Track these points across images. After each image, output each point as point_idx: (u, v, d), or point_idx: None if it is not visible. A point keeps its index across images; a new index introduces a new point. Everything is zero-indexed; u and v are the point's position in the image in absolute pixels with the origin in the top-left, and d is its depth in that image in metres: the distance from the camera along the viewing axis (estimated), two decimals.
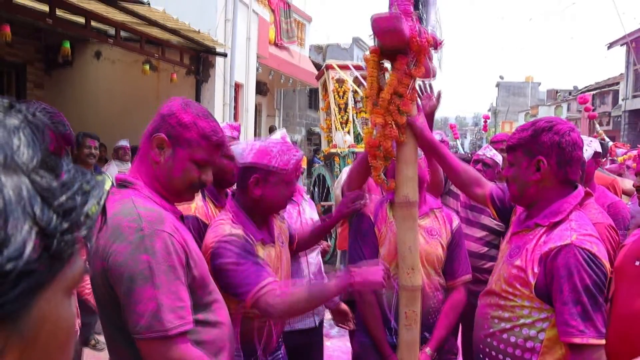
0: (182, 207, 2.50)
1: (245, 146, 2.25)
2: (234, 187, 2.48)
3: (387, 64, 2.26)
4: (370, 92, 2.18)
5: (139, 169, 1.68)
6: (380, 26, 1.97)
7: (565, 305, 1.71)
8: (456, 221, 2.72)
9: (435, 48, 2.21)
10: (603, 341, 1.70)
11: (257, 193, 2.15)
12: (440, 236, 2.60)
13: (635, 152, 3.37)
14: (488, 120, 8.87)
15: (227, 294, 1.93)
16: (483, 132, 9.30)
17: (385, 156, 2.17)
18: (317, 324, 2.90)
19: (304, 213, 3.06)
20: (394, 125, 2.11)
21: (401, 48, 2.08)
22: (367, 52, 2.25)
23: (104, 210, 0.54)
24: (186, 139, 1.63)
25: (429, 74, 2.22)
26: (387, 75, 2.24)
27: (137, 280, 1.41)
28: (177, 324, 1.42)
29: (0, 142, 0.45)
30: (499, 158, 3.80)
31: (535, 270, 1.79)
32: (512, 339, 1.87)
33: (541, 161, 1.88)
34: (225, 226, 2.09)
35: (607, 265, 1.76)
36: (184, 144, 1.63)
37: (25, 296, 0.44)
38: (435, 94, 2.64)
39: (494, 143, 4.36)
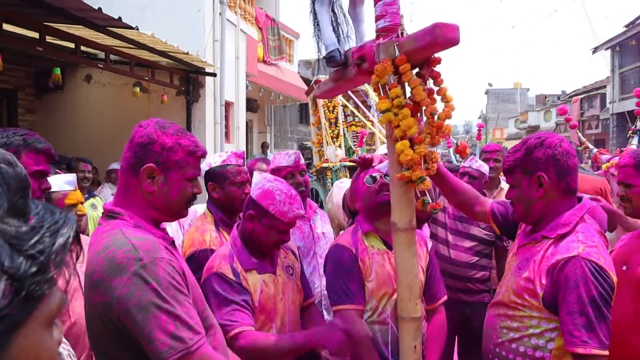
0: (198, 241, 2.63)
1: (259, 179, 2.33)
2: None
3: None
4: (425, 101, 2.01)
5: (124, 200, 1.67)
6: (445, 35, 1.90)
7: (570, 315, 1.72)
8: (430, 242, 2.67)
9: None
10: (606, 352, 1.71)
11: (249, 227, 2.28)
12: (420, 260, 2.46)
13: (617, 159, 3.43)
14: (482, 129, 8.89)
15: None
16: (477, 140, 9.28)
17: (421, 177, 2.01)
18: None
19: (315, 228, 3.11)
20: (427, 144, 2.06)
21: (422, 62, 2.06)
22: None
23: (78, 241, 0.56)
24: (175, 162, 1.64)
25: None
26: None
27: (150, 309, 1.44)
28: (195, 339, 1.49)
29: None
30: (485, 169, 3.84)
31: (543, 281, 1.81)
32: (521, 349, 1.87)
33: (541, 176, 1.91)
34: (215, 261, 2.24)
35: (613, 276, 1.77)
36: (174, 167, 1.64)
37: (0, 338, 0.47)
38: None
39: (488, 153, 4.41)
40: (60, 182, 2.78)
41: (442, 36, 1.88)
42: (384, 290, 2.35)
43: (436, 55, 2.04)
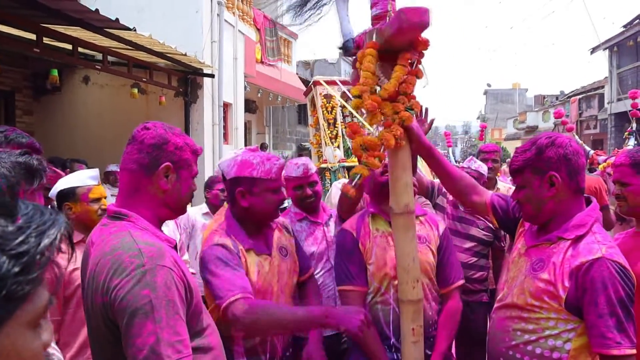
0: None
1: (229, 161, 2.31)
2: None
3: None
4: (364, 87, 2.02)
5: (131, 201, 1.69)
6: (410, 19, 1.86)
7: (601, 317, 1.71)
8: (442, 225, 2.66)
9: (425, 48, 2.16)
10: (635, 350, 1.72)
11: (244, 204, 2.24)
12: (429, 242, 2.53)
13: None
14: (485, 129, 8.82)
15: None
16: (479, 140, 9.28)
17: (378, 157, 2.03)
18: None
19: (328, 232, 3.09)
20: (399, 124, 2.02)
21: (405, 47, 2.02)
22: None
23: (71, 242, 0.58)
24: (185, 160, 1.73)
25: (422, 76, 2.18)
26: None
27: (137, 314, 1.44)
28: (174, 358, 1.45)
29: None
30: (484, 169, 3.84)
31: (566, 284, 1.78)
32: (538, 350, 1.85)
33: (554, 176, 1.88)
34: (215, 236, 2.19)
35: (634, 275, 1.78)
36: (184, 165, 1.73)
37: None
38: (428, 118, 2.63)
39: (487, 153, 4.41)
40: (84, 177, 2.85)
41: (407, 21, 1.86)
42: (384, 272, 2.38)
43: (423, 37, 2.01)
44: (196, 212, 4.57)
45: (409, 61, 2.05)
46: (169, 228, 3.95)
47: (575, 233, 1.86)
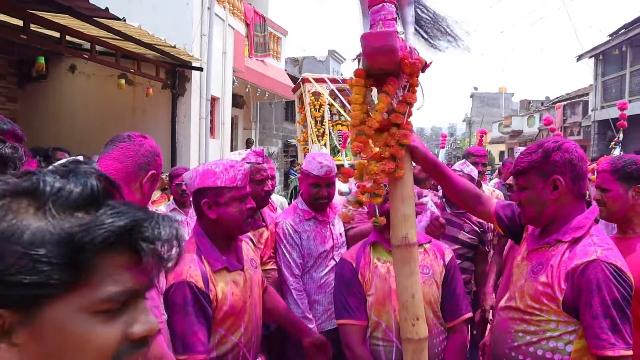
0: None
1: (191, 172, 2.22)
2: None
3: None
4: (354, 121, 1.95)
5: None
6: (372, 45, 1.81)
7: (595, 319, 1.73)
8: (449, 254, 2.53)
9: (423, 70, 2.05)
10: (631, 351, 1.73)
11: (212, 216, 2.12)
12: (433, 273, 2.40)
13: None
14: (485, 135, 8.77)
15: None
16: (478, 146, 9.06)
17: (375, 192, 1.97)
18: None
19: (335, 231, 3.10)
20: (390, 159, 1.94)
21: (391, 71, 1.91)
22: (342, 74, 2.08)
23: (178, 238, 0.68)
24: (158, 177, 1.98)
25: (414, 100, 2.05)
26: (374, 97, 2.05)
27: None
28: None
29: (42, 193, 0.62)
30: (475, 173, 3.88)
31: (563, 286, 1.80)
32: (539, 352, 1.86)
33: (558, 180, 1.91)
34: (184, 266, 2.05)
35: (631, 277, 1.79)
36: (157, 180, 1.98)
37: (26, 299, 0.60)
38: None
39: (478, 157, 4.48)
40: None
41: (370, 47, 1.81)
42: (385, 305, 2.29)
43: (412, 60, 1.91)
44: (164, 209, 4.52)
45: (400, 86, 1.93)
46: None
47: (573, 235, 1.89)
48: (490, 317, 3.39)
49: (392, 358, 2.28)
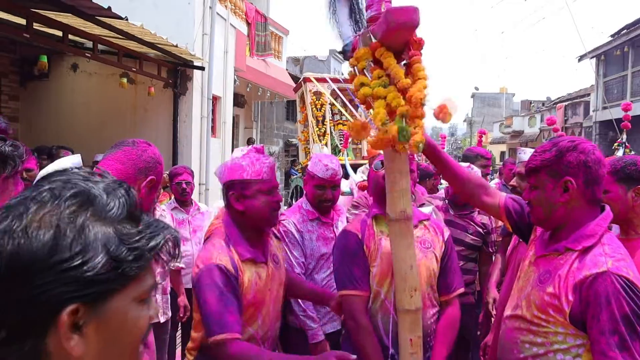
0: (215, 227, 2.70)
1: (221, 167, 2.31)
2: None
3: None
4: (402, 83, 1.88)
5: None
6: (397, 19, 1.82)
7: (602, 334, 1.64)
8: (447, 231, 2.59)
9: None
10: None
11: (239, 208, 2.20)
12: (434, 248, 2.45)
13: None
14: (484, 135, 8.71)
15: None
16: (478, 146, 9.08)
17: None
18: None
19: (338, 232, 3.07)
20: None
21: (400, 47, 1.96)
22: (343, 73, 2.10)
23: (175, 245, 0.81)
24: (157, 185, 2.01)
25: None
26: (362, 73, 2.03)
27: None
28: None
29: (99, 206, 0.74)
30: (478, 174, 3.87)
31: (570, 297, 1.71)
32: None
33: (569, 182, 1.81)
34: (214, 251, 2.13)
35: None
36: (155, 187, 1.99)
37: (101, 294, 0.71)
38: None
39: (487, 159, 4.50)
40: (68, 162, 2.88)
41: (395, 21, 1.83)
42: (388, 276, 2.29)
43: (417, 36, 1.96)
44: (165, 208, 4.53)
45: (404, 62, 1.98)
46: (166, 221, 3.94)
47: (583, 244, 1.79)
48: (493, 311, 3.38)
49: (389, 328, 2.29)
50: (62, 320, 0.67)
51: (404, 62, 2.02)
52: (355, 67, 2.05)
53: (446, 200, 3.93)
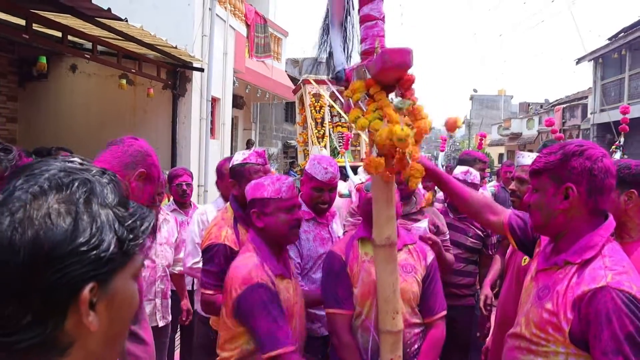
0: (214, 235, 2.76)
1: (247, 186, 2.45)
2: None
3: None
4: (400, 133, 1.86)
5: None
6: (395, 61, 1.87)
7: (605, 355, 1.52)
8: (431, 256, 2.66)
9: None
10: None
11: (259, 225, 2.33)
12: (415, 272, 2.54)
13: None
14: (484, 139, 8.73)
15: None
16: (478, 149, 9.15)
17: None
18: None
19: (334, 232, 3.13)
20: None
21: (393, 83, 2.02)
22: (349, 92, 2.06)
23: (154, 229, 0.87)
24: (154, 177, 2.01)
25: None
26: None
27: None
28: None
29: (99, 193, 0.79)
30: (478, 179, 3.87)
31: (569, 315, 1.61)
32: None
33: (570, 188, 1.72)
34: (251, 270, 2.20)
35: None
36: (152, 180, 2.01)
37: (110, 272, 0.77)
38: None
39: (484, 163, 4.55)
40: None
41: (391, 61, 1.88)
42: (368, 297, 2.42)
43: (409, 73, 2.00)
44: (164, 209, 4.51)
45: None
46: (169, 225, 3.94)
47: (583, 257, 1.68)
48: (482, 305, 3.40)
49: (368, 346, 2.42)
50: (84, 298, 0.73)
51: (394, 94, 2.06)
52: (350, 99, 2.09)
53: (446, 204, 3.94)
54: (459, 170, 3.89)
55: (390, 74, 1.96)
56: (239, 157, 2.94)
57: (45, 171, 0.77)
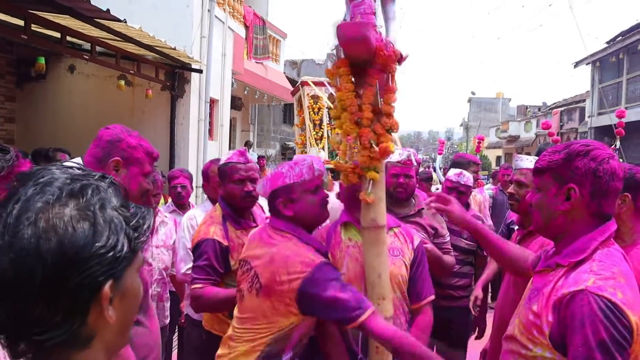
0: (203, 232, 2.78)
1: (262, 181, 2.33)
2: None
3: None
4: (351, 108, 2.01)
5: None
6: (347, 34, 1.84)
7: None
8: (417, 238, 2.58)
9: (399, 62, 2.13)
10: None
11: (289, 214, 2.20)
12: (403, 255, 2.45)
13: None
14: (482, 142, 8.71)
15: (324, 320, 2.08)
16: (476, 152, 9.15)
17: (358, 174, 2.10)
18: None
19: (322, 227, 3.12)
20: (374, 146, 2.03)
21: (367, 60, 1.97)
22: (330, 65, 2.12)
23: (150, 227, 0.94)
24: (136, 158, 1.96)
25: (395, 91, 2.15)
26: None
27: None
28: None
29: (105, 196, 0.85)
30: (471, 181, 3.87)
31: (550, 318, 1.55)
32: None
33: (572, 189, 1.65)
34: (307, 252, 2.08)
35: (632, 317, 1.45)
36: (135, 162, 1.96)
37: (122, 269, 0.84)
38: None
39: (478, 165, 4.57)
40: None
41: (343, 36, 1.88)
42: (355, 284, 2.25)
43: (388, 52, 1.97)
44: (162, 209, 4.50)
45: (383, 78, 2.00)
46: (167, 227, 3.93)
47: (571, 259, 1.64)
48: (471, 305, 3.45)
49: (359, 336, 2.31)
50: (105, 295, 0.80)
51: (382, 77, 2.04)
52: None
53: None
54: (452, 172, 3.90)
55: (349, 50, 1.93)
56: (223, 159, 2.99)
57: (54, 179, 0.82)
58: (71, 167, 0.87)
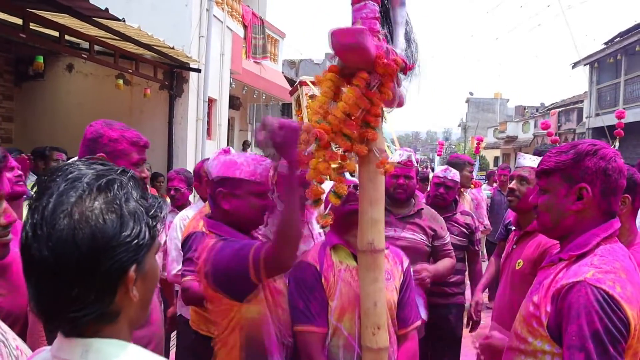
0: (192, 226, 2.82)
1: (214, 161, 2.15)
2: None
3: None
4: (320, 110, 1.89)
5: None
6: (340, 41, 1.74)
7: (568, 349, 1.47)
8: (406, 261, 2.45)
9: (405, 72, 2.01)
10: None
11: (225, 207, 2.05)
12: (394, 279, 2.31)
13: None
14: (481, 142, 8.68)
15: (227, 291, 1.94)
16: (475, 154, 9.16)
17: (335, 191, 1.95)
18: None
19: (314, 230, 3.08)
20: (338, 150, 1.91)
21: (365, 69, 1.85)
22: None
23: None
24: (120, 150, 1.98)
25: (394, 102, 2.01)
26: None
27: None
28: None
29: (128, 190, 0.95)
30: (457, 177, 3.98)
31: (548, 308, 1.57)
32: None
33: (584, 189, 1.64)
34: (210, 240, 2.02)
35: (630, 311, 1.46)
36: (120, 154, 1.98)
37: (144, 254, 0.95)
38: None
39: (473, 165, 4.63)
40: None
41: (338, 43, 1.76)
42: (348, 311, 2.15)
43: (384, 60, 1.84)
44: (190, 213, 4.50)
45: (369, 83, 1.87)
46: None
47: (573, 253, 1.65)
48: (472, 311, 3.49)
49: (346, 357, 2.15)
50: (131, 277, 0.92)
51: (371, 82, 1.90)
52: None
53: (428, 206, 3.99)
54: (439, 169, 4.05)
55: (345, 57, 1.81)
56: (213, 156, 2.98)
57: (82, 175, 0.93)
58: (95, 162, 0.97)
